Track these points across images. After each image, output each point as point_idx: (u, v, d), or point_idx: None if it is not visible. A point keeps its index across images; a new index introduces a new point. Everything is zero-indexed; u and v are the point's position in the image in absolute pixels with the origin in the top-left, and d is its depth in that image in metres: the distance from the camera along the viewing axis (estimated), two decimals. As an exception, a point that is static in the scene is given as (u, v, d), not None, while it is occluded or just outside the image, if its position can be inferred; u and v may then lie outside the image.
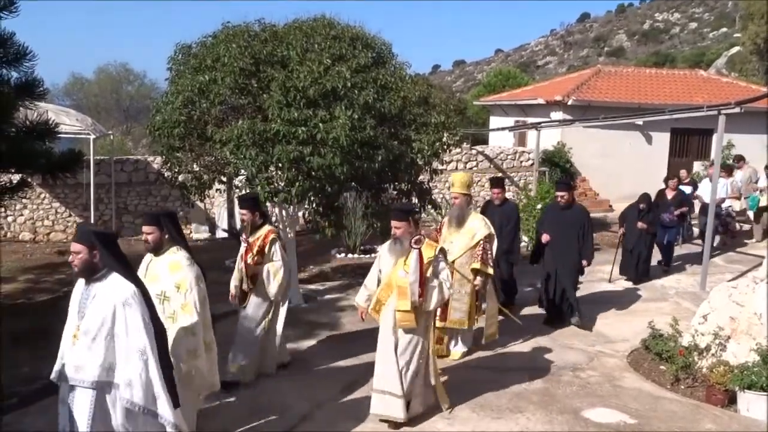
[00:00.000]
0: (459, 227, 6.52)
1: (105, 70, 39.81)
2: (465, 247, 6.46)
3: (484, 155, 16.98)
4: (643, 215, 9.97)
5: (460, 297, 6.45)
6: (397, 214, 5.18)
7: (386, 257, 5.30)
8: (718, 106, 9.45)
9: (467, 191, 6.62)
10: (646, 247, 10.07)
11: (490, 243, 6.55)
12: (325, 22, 8.01)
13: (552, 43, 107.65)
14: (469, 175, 6.78)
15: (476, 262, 6.42)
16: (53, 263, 11.37)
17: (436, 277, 5.08)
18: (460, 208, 6.54)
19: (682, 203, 11.16)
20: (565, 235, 7.71)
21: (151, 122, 7.95)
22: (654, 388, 6.14)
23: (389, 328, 5.10)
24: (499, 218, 7.89)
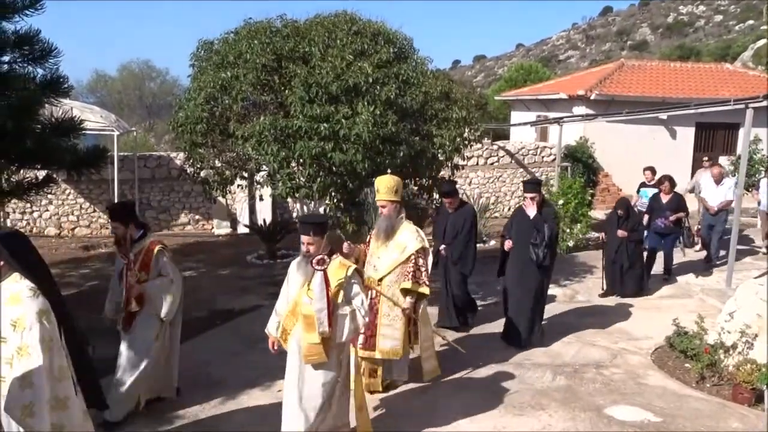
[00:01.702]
0: (387, 240, 5.54)
1: (128, 67, 40.28)
2: (394, 263, 5.50)
3: (506, 150, 16.88)
4: (622, 222, 9.02)
5: (391, 322, 5.52)
6: (307, 228, 4.38)
7: (294, 277, 4.57)
8: (746, 100, 9.28)
9: (396, 198, 5.54)
10: (629, 257, 8.98)
11: (425, 258, 5.57)
12: (347, 17, 7.99)
13: (574, 38, 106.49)
14: (397, 179, 5.62)
15: (406, 280, 5.45)
16: (78, 258, 11.54)
17: (348, 304, 4.39)
18: (388, 217, 5.53)
19: (679, 207, 9.98)
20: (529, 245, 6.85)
21: (174, 118, 8.01)
22: (679, 386, 6.06)
23: (295, 363, 4.43)
24: (452, 225, 7.36)
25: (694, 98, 16.63)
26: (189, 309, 8.18)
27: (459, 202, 7.59)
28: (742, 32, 72.42)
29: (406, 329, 5.60)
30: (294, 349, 4.44)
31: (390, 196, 5.50)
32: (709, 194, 10.88)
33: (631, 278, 9.04)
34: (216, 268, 10.59)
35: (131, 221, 5.23)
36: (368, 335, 5.44)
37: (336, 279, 4.36)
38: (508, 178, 16.80)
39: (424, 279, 5.52)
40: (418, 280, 5.48)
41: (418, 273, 5.49)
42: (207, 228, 14.39)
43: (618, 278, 9.04)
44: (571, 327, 7.77)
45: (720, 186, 10.78)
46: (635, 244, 9.08)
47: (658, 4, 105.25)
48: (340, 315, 4.34)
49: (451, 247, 7.36)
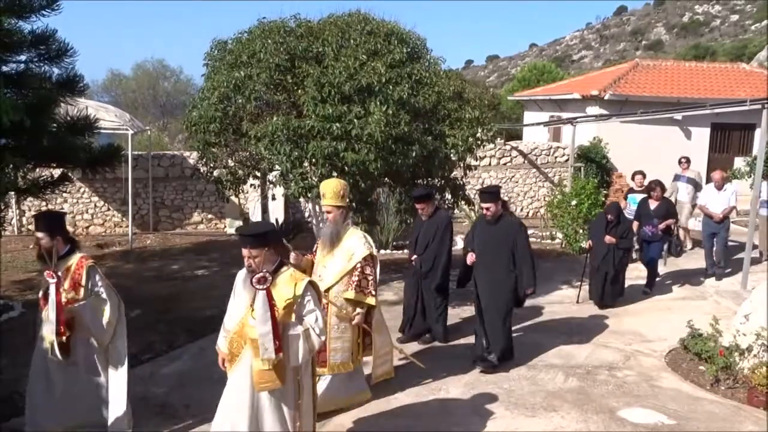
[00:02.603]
0: (333, 248, 5.20)
1: (142, 67, 40.47)
2: (341, 272, 5.15)
3: (519, 151, 16.82)
4: (611, 227, 8.50)
5: (340, 335, 5.20)
6: (246, 240, 3.92)
7: (241, 293, 4.12)
8: (763, 100, 9.19)
9: (342, 203, 5.22)
10: (615, 265, 8.45)
11: (372, 266, 5.21)
12: (360, 17, 8.01)
13: (588, 37, 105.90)
14: (344, 183, 5.32)
15: (350, 289, 5.12)
16: (92, 256, 11.56)
17: (301, 323, 3.97)
18: (334, 224, 5.19)
19: (668, 214, 9.45)
20: (494, 255, 6.31)
21: (188, 118, 8.07)
22: (693, 388, 6.01)
23: (246, 389, 3.95)
24: (424, 234, 6.91)
25: (709, 98, 16.47)
26: (202, 308, 8.26)
27: (434, 208, 7.05)
28: (758, 32, 71.70)
29: (356, 340, 5.29)
30: (245, 373, 3.96)
31: (336, 201, 5.17)
32: (711, 201, 10.00)
33: (612, 288, 8.54)
34: (228, 267, 10.61)
35: (59, 233, 4.65)
36: (319, 352, 4.92)
37: (286, 296, 3.93)
38: (521, 179, 16.74)
39: (371, 289, 5.17)
40: (363, 289, 5.14)
41: (363, 282, 5.14)
42: (220, 227, 14.45)
43: (600, 287, 8.52)
44: (584, 328, 7.74)
45: (722, 192, 9.95)
46: (624, 252, 8.57)
47: (673, 3, 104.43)
48: (291, 336, 3.90)
49: (422, 258, 6.89)
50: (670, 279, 9.98)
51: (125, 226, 13.27)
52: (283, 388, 3.94)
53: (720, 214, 9.77)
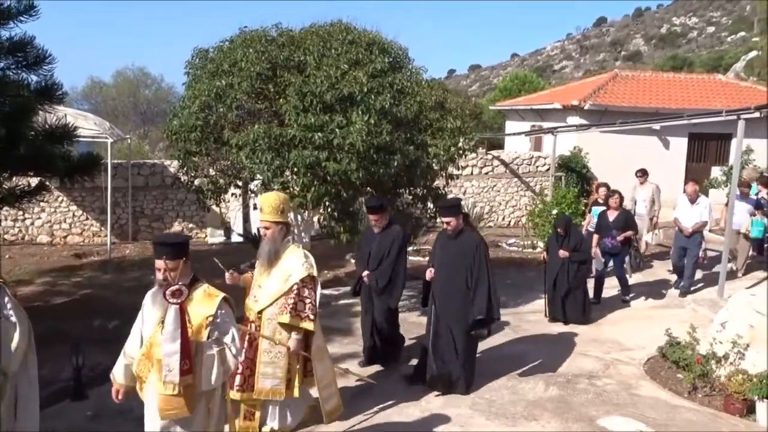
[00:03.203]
0: (271, 267, 4.83)
1: (122, 74, 40.17)
2: (277, 293, 4.76)
3: (500, 160, 16.93)
4: (562, 241, 8.26)
5: (273, 359, 4.80)
6: (162, 251, 3.65)
7: (149, 312, 3.79)
8: (738, 111, 9.35)
9: (281, 218, 4.85)
10: (570, 280, 8.15)
11: (311, 288, 4.81)
12: (342, 27, 8.03)
13: (568, 48, 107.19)
14: (283, 197, 4.99)
15: (284, 313, 4.68)
16: (70, 266, 11.48)
17: (217, 343, 3.66)
18: (272, 241, 4.81)
19: (627, 225, 9.21)
20: (451, 272, 5.95)
21: (168, 126, 8.02)
22: (671, 396, 6.07)
23: (154, 415, 3.65)
24: (378, 248, 6.42)
25: (686, 109, 16.72)
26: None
27: (388, 220, 6.54)
28: (734, 43, 73.09)
29: (293, 367, 4.84)
30: (151, 402, 3.65)
31: (274, 216, 4.80)
32: (683, 214, 9.66)
33: (573, 304, 8.25)
34: (210, 277, 10.52)
35: None
36: (247, 375, 4.76)
37: (200, 313, 3.66)
38: (502, 188, 16.84)
39: (308, 313, 4.71)
40: (299, 313, 4.68)
41: (300, 305, 4.70)
42: (200, 237, 14.34)
43: (560, 303, 8.25)
44: (563, 337, 7.79)
45: (695, 205, 9.57)
46: (578, 265, 8.24)
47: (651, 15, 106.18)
48: (206, 356, 3.59)
49: (376, 275, 6.38)
50: (646, 288, 10.07)
51: (104, 235, 13.12)
52: (190, 417, 3.59)
53: (690, 229, 9.43)
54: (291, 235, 4.90)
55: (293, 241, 5.23)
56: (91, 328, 7.75)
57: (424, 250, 13.03)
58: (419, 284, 10.26)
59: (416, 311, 8.77)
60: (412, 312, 8.67)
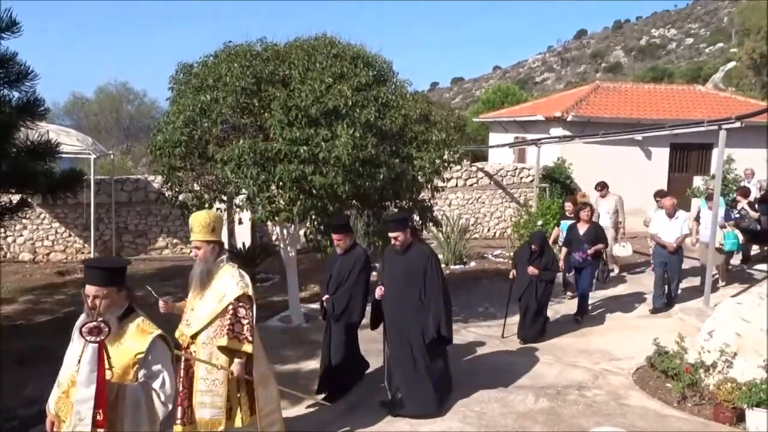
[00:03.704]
0: (203, 289, 4.51)
1: (105, 90, 39.96)
2: (210, 316, 4.42)
3: (485, 172, 16.99)
4: (534, 258, 7.97)
5: (210, 387, 4.46)
6: (95, 276, 3.34)
7: (73, 344, 3.47)
8: (719, 121, 9.46)
9: (213, 237, 4.56)
10: (537, 298, 7.90)
11: (248, 307, 4.47)
12: (326, 41, 8.03)
13: (549, 60, 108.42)
14: (214, 215, 4.72)
15: (221, 336, 4.37)
16: (53, 284, 11.32)
17: (144, 387, 3.32)
18: (204, 261, 4.52)
19: (598, 239, 8.97)
20: (402, 288, 5.73)
21: (152, 142, 7.95)
22: (660, 406, 6.08)
23: None
24: (338, 271, 6.17)
25: (668, 119, 16.93)
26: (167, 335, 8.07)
27: (352, 242, 6.34)
28: (712, 55, 74.38)
29: (233, 395, 4.50)
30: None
31: (205, 235, 4.51)
32: (663, 230, 9.40)
33: (534, 322, 7.98)
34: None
35: None
36: (185, 405, 4.48)
37: (130, 351, 3.32)
38: (487, 200, 16.89)
39: (246, 334, 4.39)
40: (237, 335, 4.37)
41: (237, 326, 4.38)
42: (185, 252, 14.21)
43: (521, 320, 8.02)
44: (553, 347, 7.79)
45: (674, 220, 9.35)
46: (546, 285, 7.98)
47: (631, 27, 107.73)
48: (129, 403, 3.26)
49: (333, 299, 6.12)
50: (632, 298, 10.11)
51: (87, 252, 12.97)
52: None
53: (674, 244, 9.20)
54: (225, 254, 4.61)
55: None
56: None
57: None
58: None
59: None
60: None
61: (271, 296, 10.40)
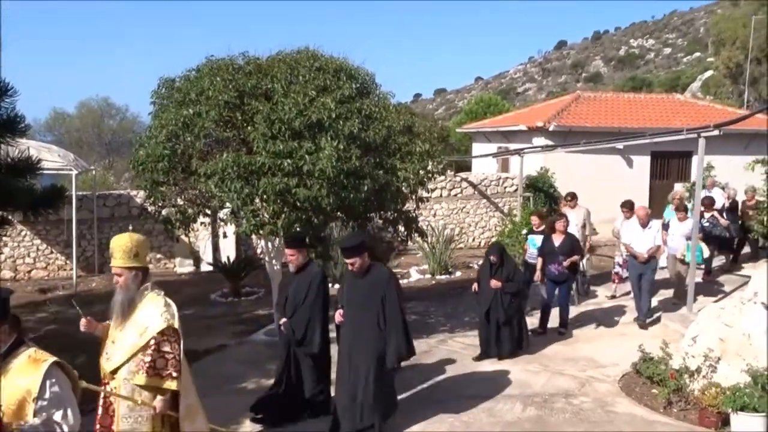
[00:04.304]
0: (125, 319, 4.10)
1: (86, 105, 39.69)
2: (132, 350, 4.00)
3: (469, 182, 17.08)
4: (495, 270, 7.75)
5: (133, 426, 4.05)
6: None
7: None
8: (698, 129, 9.59)
9: (135, 263, 4.16)
10: (506, 311, 7.63)
11: (173, 341, 4.03)
12: (309, 54, 8.05)
13: (530, 70, 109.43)
14: (137, 238, 4.26)
15: (140, 372, 3.94)
16: (35, 302, 11.17)
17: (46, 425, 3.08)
18: (125, 289, 4.12)
19: (573, 251, 8.69)
20: (360, 312, 5.50)
21: (135, 157, 7.90)
22: (647, 412, 6.11)
23: None
24: (294, 292, 5.87)
25: (648, 128, 17.14)
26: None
27: (306, 259, 6.04)
28: (690, 64, 75.52)
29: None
30: None
31: (126, 260, 4.13)
32: (636, 239, 9.17)
33: (507, 337, 7.70)
34: (179, 308, 10.34)
35: None
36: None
37: (22, 386, 3.05)
38: (471, 209, 16.97)
39: (171, 370, 3.98)
40: (159, 371, 3.95)
41: (160, 362, 3.97)
42: (169, 267, 14.12)
43: (493, 336, 7.70)
44: (538, 356, 7.82)
45: (647, 229, 9.12)
46: (511, 296, 7.71)
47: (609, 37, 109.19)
48: None
49: (292, 323, 5.80)
50: (615, 306, 10.18)
51: (69, 269, 12.83)
52: None
53: (645, 254, 8.96)
54: (150, 281, 4.20)
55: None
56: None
57: (396, 273, 13.02)
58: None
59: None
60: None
61: (256, 310, 10.35)
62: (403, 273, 13.10)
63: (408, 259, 14.10)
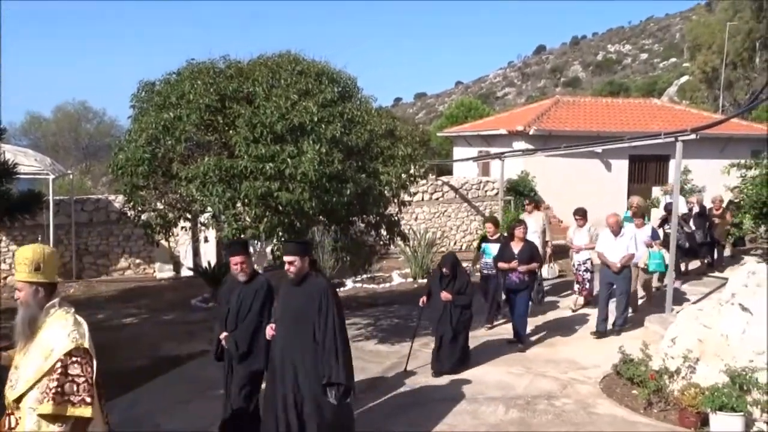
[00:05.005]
0: (28, 341, 3.61)
1: (63, 109, 39.24)
2: (37, 375, 3.47)
3: (450, 186, 17.15)
4: (447, 283, 7.36)
5: None
6: None
7: None
8: (675, 133, 9.72)
9: (39, 277, 3.60)
10: (453, 325, 7.22)
11: (84, 363, 3.50)
12: (291, 58, 8.04)
13: (510, 75, 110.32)
14: (42, 250, 3.61)
15: (46, 400, 3.40)
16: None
17: None
18: (26, 306, 3.62)
19: (532, 258, 8.31)
20: (292, 326, 4.88)
21: (114, 161, 7.81)
22: (628, 413, 6.16)
23: None
24: (237, 304, 5.33)
25: (626, 132, 17.38)
26: (130, 358, 7.91)
27: (253, 268, 5.52)
28: (666, 69, 76.72)
29: None
30: None
31: (27, 274, 3.58)
32: (608, 248, 8.93)
33: (451, 351, 7.28)
34: (159, 314, 10.26)
35: None
36: None
37: None
38: (453, 213, 17.04)
39: (83, 395, 3.47)
40: (68, 398, 3.43)
41: (69, 387, 3.45)
42: (149, 272, 13.97)
43: (436, 350, 7.34)
44: (521, 358, 7.85)
45: (620, 238, 8.94)
46: (461, 310, 7.31)
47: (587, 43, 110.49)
48: None
49: (234, 336, 5.27)
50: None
51: (47, 274, 12.62)
52: None
53: (618, 264, 8.74)
54: (57, 298, 3.66)
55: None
56: (35, 372, 7.40)
57: (379, 277, 13.02)
58: (375, 312, 10.28)
59: (373, 339, 8.73)
60: (369, 340, 8.63)
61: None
62: (385, 277, 13.10)
63: (390, 263, 14.12)
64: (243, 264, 5.33)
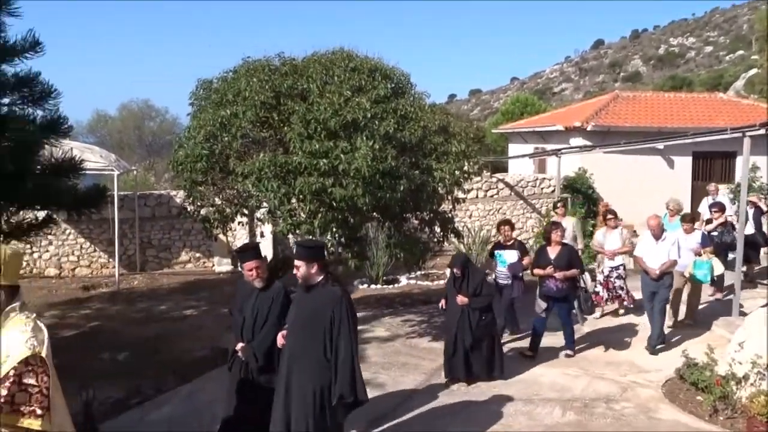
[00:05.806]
0: None
1: (128, 107, 40.59)
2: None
3: (505, 183, 16.91)
4: (460, 285, 6.91)
5: None
6: None
7: None
8: (743, 128, 9.31)
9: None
10: (473, 330, 6.76)
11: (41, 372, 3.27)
12: (344, 54, 8.07)
13: (567, 70, 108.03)
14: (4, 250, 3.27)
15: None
16: (78, 299, 11.43)
17: None
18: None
19: (571, 264, 7.64)
20: (302, 336, 4.58)
21: (174, 157, 8.02)
22: (692, 419, 5.94)
23: None
24: (252, 312, 5.10)
25: (689, 128, 16.72)
26: (191, 349, 8.10)
27: (267, 274, 5.20)
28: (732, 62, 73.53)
29: None
30: None
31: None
32: (648, 253, 8.12)
33: (478, 357, 6.83)
34: (218, 306, 10.47)
35: None
36: None
37: None
38: (508, 210, 16.79)
39: (35, 406, 3.23)
40: (19, 407, 3.20)
41: (21, 396, 3.23)
42: (208, 266, 14.30)
43: (461, 359, 6.81)
44: (578, 359, 7.67)
45: (661, 242, 8.07)
46: (481, 313, 6.84)
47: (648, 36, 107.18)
48: None
49: (253, 347, 4.98)
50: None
51: (112, 267, 13.09)
52: None
53: (657, 271, 7.90)
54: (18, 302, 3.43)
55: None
56: (100, 361, 7.68)
57: (433, 275, 12.96)
58: (429, 309, 10.21)
59: (427, 336, 8.68)
60: (423, 337, 8.58)
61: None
62: (439, 274, 13.01)
63: (444, 260, 14.00)
64: (258, 269, 5.07)
